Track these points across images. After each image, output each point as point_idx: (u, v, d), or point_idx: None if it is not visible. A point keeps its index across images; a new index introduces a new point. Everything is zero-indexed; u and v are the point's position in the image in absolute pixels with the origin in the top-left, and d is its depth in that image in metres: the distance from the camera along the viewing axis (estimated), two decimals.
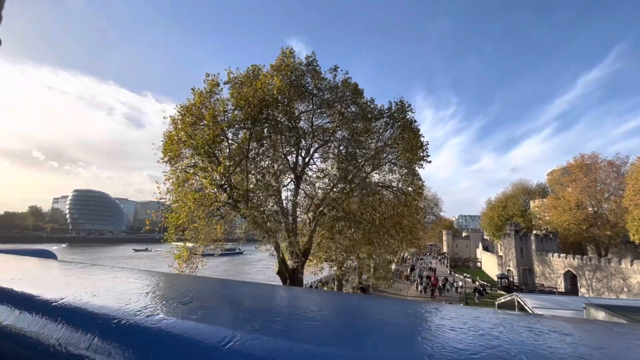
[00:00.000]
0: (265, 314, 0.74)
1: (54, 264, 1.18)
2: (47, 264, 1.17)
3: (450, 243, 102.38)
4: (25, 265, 1.16)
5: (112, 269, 1.14)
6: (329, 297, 0.99)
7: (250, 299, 0.90)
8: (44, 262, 1.23)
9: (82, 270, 1.09)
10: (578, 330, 0.68)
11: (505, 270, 55.60)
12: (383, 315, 0.82)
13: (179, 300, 0.79)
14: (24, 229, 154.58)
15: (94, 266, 1.17)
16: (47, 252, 1.73)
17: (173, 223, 17.05)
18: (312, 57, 20.36)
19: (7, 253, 1.49)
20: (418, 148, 19.83)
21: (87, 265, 1.17)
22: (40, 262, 1.21)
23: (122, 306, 0.74)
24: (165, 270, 38.30)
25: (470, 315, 0.76)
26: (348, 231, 16.99)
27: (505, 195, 74.49)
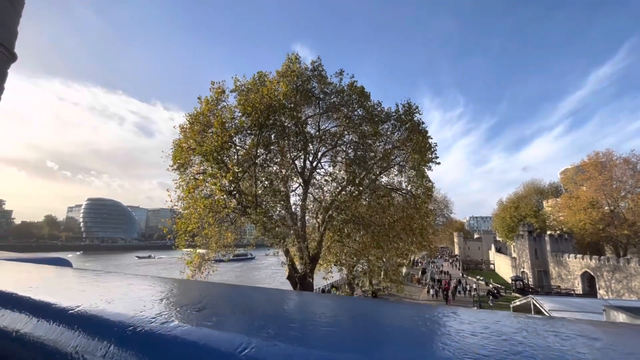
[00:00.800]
0: (280, 320, 0.73)
1: (70, 272, 1.19)
2: (63, 272, 1.18)
3: (462, 245, 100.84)
4: (42, 273, 1.18)
5: (126, 275, 1.15)
6: (342, 302, 0.98)
7: (263, 304, 0.89)
8: (60, 270, 1.24)
9: (97, 277, 1.10)
10: (606, 334, 0.65)
11: (520, 272, 54.39)
12: (400, 321, 0.80)
13: (193, 306, 0.79)
14: (40, 238, 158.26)
15: (108, 273, 1.18)
16: (62, 260, 1.76)
17: (183, 229, 17.25)
18: (317, 62, 20.48)
19: (26, 262, 1.52)
20: (427, 150, 19.66)
21: (101, 273, 1.18)
22: (56, 270, 1.22)
23: (137, 313, 0.74)
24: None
25: (491, 319, 0.73)
26: (357, 234, 16.86)
27: (517, 196, 73.06)
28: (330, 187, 19.99)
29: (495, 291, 44.39)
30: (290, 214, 18.84)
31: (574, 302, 20.07)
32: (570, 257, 45.84)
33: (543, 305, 18.58)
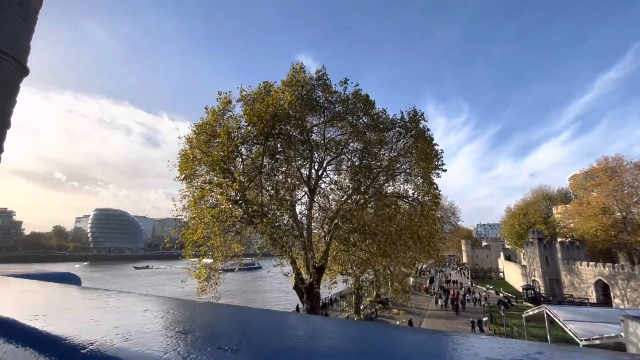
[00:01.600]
0: (288, 349, 0.67)
1: (78, 293, 1.13)
2: (72, 294, 1.12)
3: (470, 253, 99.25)
4: (49, 294, 1.12)
5: (140, 297, 1.07)
6: (347, 328, 0.91)
7: (275, 330, 0.84)
8: (68, 290, 1.18)
9: (109, 300, 1.02)
10: None
11: (531, 281, 53.16)
12: (417, 349, 0.74)
13: (223, 342, 0.71)
14: (49, 249, 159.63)
15: (120, 294, 1.11)
16: (70, 276, 1.71)
17: (189, 239, 17.23)
18: (322, 71, 20.66)
19: (32, 278, 1.48)
20: (433, 157, 19.54)
21: (113, 294, 1.11)
22: (64, 291, 1.16)
23: (161, 355, 0.64)
24: (178, 286, 38.34)
25: (518, 348, 0.66)
26: (363, 243, 16.67)
27: (526, 202, 71.97)
28: (336, 196, 19.90)
29: (506, 300, 43.38)
30: (297, 223, 18.75)
31: (589, 312, 19.46)
32: (582, 265, 44.73)
33: (557, 315, 18.04)
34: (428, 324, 32.26)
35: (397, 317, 34.92)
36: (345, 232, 16.45)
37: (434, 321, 33.55)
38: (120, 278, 78.59)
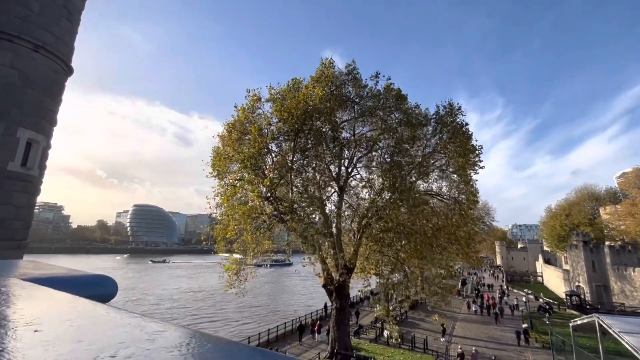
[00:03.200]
0: None
1: (104, 318, 0.85)
2: (101, 317, 0.85)
3: (505, 255, 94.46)
4: (72, 318, 0.83)
5: (172, 327, 0.77)
6: None
7: None
8: (97, 310, 0.92)
9: (137, 329, 0.74)
10: None
11: (574, 287, 49.41)
12: None
13: None
14: (93, 241, 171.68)
15: (148, 322, 0.80)
16: (107, 281, 1.44)
17: (221, 235, 17.50)
18: (352, 65, 20.12)
19: (64, 282, 1.24)
20: (470, 152, 18.43)
21: (142, 320, 0.81)
22: (91, 310, 0.91)
23: None
24: (213, 280, 39.86)
25: None
26: (398, 243, 15.99)
27: (568, 202, 67.03)
28: (367, 194, 19.34)
29: (547, 307, 40.57)
30: (326, 221, 18.45)
31: None
32: (636, 271, 40.83)
33: (612, 326, 16.31)
34: (461, 328, 30.84)
35: (428, 319, 33.73)
36: (379, 232, 15.87)
37: (467, 325, 32.03)
38: (141, 272, 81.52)
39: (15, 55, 9.45)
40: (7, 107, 9.29)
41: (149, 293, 52.67)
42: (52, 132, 10.77)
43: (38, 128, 9.97)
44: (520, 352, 24.47)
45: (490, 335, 28.46)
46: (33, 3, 9.63)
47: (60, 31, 10.44)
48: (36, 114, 9.88)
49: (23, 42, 9.51)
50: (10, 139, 9.37)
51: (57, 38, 10.34)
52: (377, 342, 25.08)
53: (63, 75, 10.91)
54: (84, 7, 12.03)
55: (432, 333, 28.58)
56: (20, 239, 10.05)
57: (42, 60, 9.91)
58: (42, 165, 10.53)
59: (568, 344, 22.97)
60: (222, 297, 46.87)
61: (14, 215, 9.66)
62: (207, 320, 36.78)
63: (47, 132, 10.46)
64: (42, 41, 9.86)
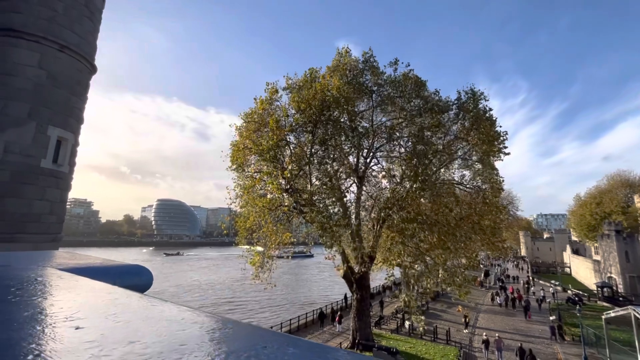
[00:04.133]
0: None
1: (152, 312, 0.78)
2: (144, 310, 0.80)
3: (530, 245, 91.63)
4: (117, 312, 0.76)
5: (232, 323, 0.70)
6: None
7: None
8: (140, 301, 0.87)
9: (195, 326, 0.67)
10: None
11: (606, 278, 47.27)
12: None
13: None
14: (121, 235, 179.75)
15: (204, 317, 0.73)
16: (142, 271, 1.41)
17: (242, 226, 17.79)
18: (369, 53, 19.66)
19: (102, 273, 1.21)
20: (494, 139, 17.71)
21: (197, 314, 0.73)
22: (136, 302, 0.87)
23: None
24: (233, 271, 41.03)
25: None
26: (421, 234, 15.69)
27: (599, 190, 63.62)
28: (387, 184, 19.05)
29: (576, 298, 39.08)
30: (345, 212, 18.35)
31: None
32: None
33: None
34: (485, 320, 30.23)
35: (450, 311, 33.29)
36: (400, 222, 15.62)
37: (491, 317, 31.36)
38: (158, 264, 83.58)
39: (42, 55, 9.78)
40: (38, 106, 9.66)
41: (170, 285, 53.99)
42: (79, 129, 11.15)
43: (66, 126, 10.34)
44: (548, 344, 23.74)
45: (516, 328, 27.75)
46: (57, 3, 9.89)
47: (83, 31, 10.70)
48: (64, 113, 10.24)
49: (49, 42, 9.81)
50: (42, 137, 9.77)
51: (81, 37, 10.60)
52: (399, 333, 25.01)
53: (87, 74, 11.22)
54: (104, 6, 12.27)
55: (454, 324, 28.19)
56: (55, 233, 10.55)
57: (68, 60, 10.21)
58: (72, 161, 10.95)
59: (600, 337, 22.07)
60: (240, 288, 48.11)
61: (48, 210, 10.14)
62: (228, 311, 37.88)
63: (75, 129, 10.83)
64: (66, 41, 10.14)
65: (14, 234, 9.32)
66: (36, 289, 0.98)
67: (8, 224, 9.26)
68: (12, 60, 9.29)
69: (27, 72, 9.47)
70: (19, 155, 9.35)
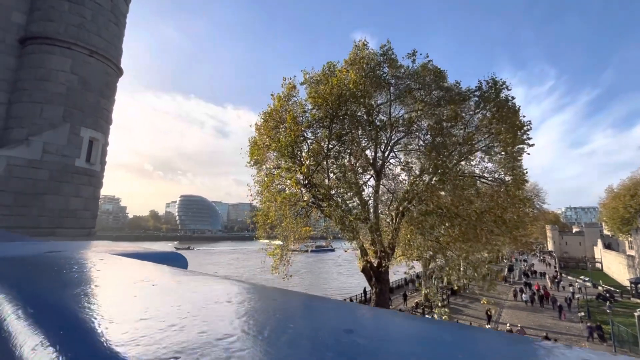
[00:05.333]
0: None
1: (185, 277, 0.99)
2: (180, 277, 1.00)
3: (557, 240, 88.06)
4: (182, 280, 0.96)
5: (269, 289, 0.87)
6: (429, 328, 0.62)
7: None
8: (176, 272, 1.07)
9: (215, 286, 0.86)
10: None
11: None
12: None
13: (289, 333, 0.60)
14: (147, 229, 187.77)
15: (234, 282, 0.90)
16: (177, 256, 1.61)
17: (262, 222, 18.24)
18: (387, 45, 19.39)
19: (142, 258, 1.39)
20: (518, 129, 17.13)
21: (228, 282, 0.91)
22: (173, 272, 1.07)
23: None
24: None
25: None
26: (442, 227, 15.52)
27: (634, 182, 60.15)
28: (405, 177, 18.90)
29: (607, 295, 37.40)
30: (364, 206, 18.38)
31: None
32: None
33: None
34: (509, 315, 29.55)
35: (472, 306, 32.75)
36: (420, 215, 15.50)
37: (515, 312, 30.61)
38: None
39: (73, 61, 10.38)
40: (71, 109, 10.29)
41: None
42: (109, 130, 11.77)
43: (97, 127, 10.96)
44: (576, 341, 22.95)
45: (541, 324, 26.98)
46: (86, 11, 10.43)
47: (110, 35, 11.23)
48: (95, 114, 10.85)
49: (80, 48, 10.39)
50: (75, 138, 10.41)
51: (108, 42, 11.14)
52: None
53: (115, 76, 11.80)
54: (128, 10, 12.79)
55: (476, 319, 27.77)
56: (90, 227, 11.27)
57: (97, 64, 10.77)
58: (103, 160, 11.60)
59: (632, 335, 21.12)
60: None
61: (83, 206, 10.83)
62: None
63: (105, 130, 11.45)
64: (95, 46, 10.69)
65: (54, 229, 10.05)
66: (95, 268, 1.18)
67: (48, 219, 10.00)
68: (47, 67, 9.93)
69: (60, 77, 10.09)
70: (55, 155, 10.03)
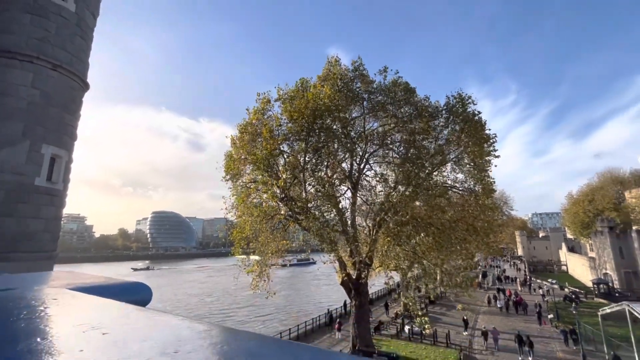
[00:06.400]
0: None
1: (156, 321, 0.94)
2: (149, 319, 0.95)
3: (526, 245, 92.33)
4: (130, 322, 0.92)
5: (217, 327, 0.86)
6: None
7: None
8: (146, 314, 1.02)
9: (188, 330, 0.84)
10: None
11: (601, 274, 47.84)
12: None
13: None
14: (116, 249, 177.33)
15: (195, 323, 0.88)
16: (140, 288, 1.54)
17: (238, 237, 17.83)
18: (358, 61, 20.07)
19: (107, 289, 1.34)
20: (484, 141, 18.10)
21: (189, 322, 0.90)
22: (143, 315, 1.01)
23: None
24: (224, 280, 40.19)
25: None
26: (417, 237, 15.89)
27: (591, 188, 64.68)
28: (381, 188, 19.30)
29: (573, 296, 39.42)
30: (341, 218, 18.50)
31: None
32: None
33: None
34: (484, 321, 30.30)
35: (449, 313, 33.35)
36: (396, 226, 15.81)
37: (491, 318, 31.44)
38: (173, 273, 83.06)
39: (35, 75, 9.89)
40: (32, 125, 9.74)
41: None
42: (73, 146, 11.21)
43: (60, 143, 10.41)
44: (548, 343, 23.88)
45: (515, 328, 27.86)
46: (50, 24, 10.05)
47: (76, 49, 10.84)
48: (58, 130, 10.32)
49: (42, 62, 9.94)
50: (36, 155, 9.82)
51: (73, 56, 10.75)
52: (399, 338, 24.98)
53: (80, 91, 11.34)
54: (96, 24, 12.45)
55: (454, 327, 28.23)
56: (50, 250, 10.53)
57: (61, 79, 10.33)
58: (66, 178, 10.98)
59: (597, 334, 22.28)
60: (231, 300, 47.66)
61: (43, 227, 10.13)
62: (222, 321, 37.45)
63: (69, 146, 10.89)
64: (59, 60, 10.27)
65: (8, 254, 9.30)
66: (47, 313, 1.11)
67: (1, 244, 9.25)
68: (6, 81, 9.39)
69: (21, 92, 9.57)
70: (12, 174, 9.39)
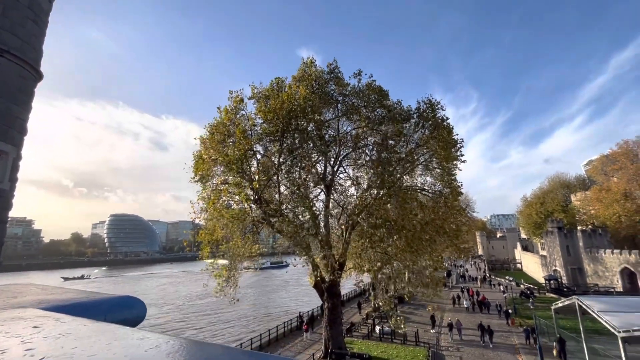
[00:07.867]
0: None
1: (131, 340, 0.73)
2: (139, 346, 0.73)
3: (485, 245, 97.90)
4: (116, 355, 0.70)
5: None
6: None
7: None
8: (121, 335, 0.80)
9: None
10: None
11: (552, 271, 51.83)
12: None
13: None
14: (68, 255, 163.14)
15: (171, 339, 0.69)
16: (134, 302, 1.29)
17: (207, 240, 17.00)
18: (333, 64, 20.15)
19: (90, 306, 1.08)
20: (452, 146, 18.89)
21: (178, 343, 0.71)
22: (117, 338, 0.79)
23: None
24: (196, 287, 38.87)
25: None
26: (390, 239, 16.17)
27: (542, 191, 70.16)
28: (355, 191, 19.45)
29: (528, 292, 42.29)
30: (314, 221, 18.37)
31: (624, 302, 18.59)
32: (606, 253, 43.30)
33: (591, 307, 17.21)
34: (451, 319, 31.53)
35: (417, 312, 34.35)
36: (369, 228, 15.97)
37: (456, 315, 32.76)
38: (133, 280, 78.45)
39: None
40: None
41: None
42: (22, 141, 10.09)
43: (7, 138, 9.31)
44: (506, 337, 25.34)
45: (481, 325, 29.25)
46: None
47: (27, 34, 9.80)
48: (4, 123, 9.23)
49: None
50: None
51: (24, 41, 9.70)
52: (370, 338, 25.26)
53: (32, 80, 10.26)
54: (51, 9, 11.35)
55: (422, 325, 29.10)
56: None
57: (9, 65, 9.27)
58: (13, 177, 9.85)
59: (551, 327, 24.01)
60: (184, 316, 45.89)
61: None
62: (194, 330, 35.83)
63: (17, 142, 9.79)
64: (7, 44, 9.21)
65: None
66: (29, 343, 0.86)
67: None
68: None
69: None
70: None
